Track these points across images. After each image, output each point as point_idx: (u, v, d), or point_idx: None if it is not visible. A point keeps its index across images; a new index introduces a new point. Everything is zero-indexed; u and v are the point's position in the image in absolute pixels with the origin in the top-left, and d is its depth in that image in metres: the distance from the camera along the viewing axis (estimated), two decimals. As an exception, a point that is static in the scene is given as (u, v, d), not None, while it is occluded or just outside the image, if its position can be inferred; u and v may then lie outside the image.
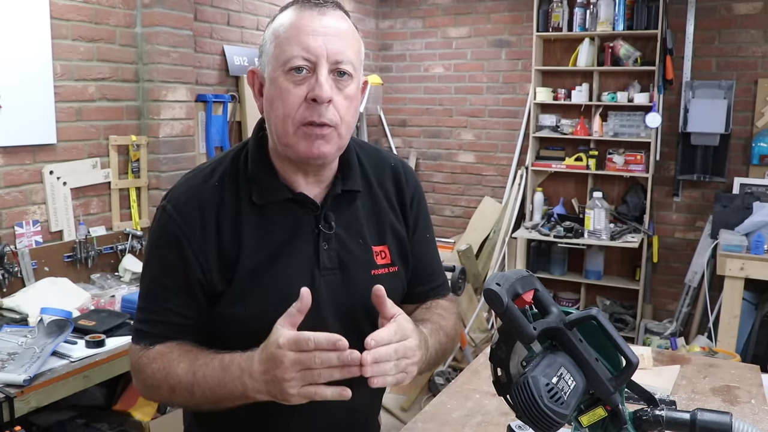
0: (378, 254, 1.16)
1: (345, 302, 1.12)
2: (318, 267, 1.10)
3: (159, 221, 1.11)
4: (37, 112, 2.61)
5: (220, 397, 1.00)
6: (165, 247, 1.09)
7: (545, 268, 4.43)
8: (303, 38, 1.02)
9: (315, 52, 1.02)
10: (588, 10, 4.16)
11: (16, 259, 2.53)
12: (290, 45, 1.02)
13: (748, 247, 3.49)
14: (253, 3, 3.78)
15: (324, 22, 1.03)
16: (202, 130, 3.43)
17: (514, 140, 4.73)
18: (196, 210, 1.08)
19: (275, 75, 1.04)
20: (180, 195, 1.11)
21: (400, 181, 1.23)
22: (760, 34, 3.98)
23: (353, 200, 1.16)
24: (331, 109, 1.03)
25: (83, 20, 2.76)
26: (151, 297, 1.11)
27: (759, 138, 3.98)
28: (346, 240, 1.13)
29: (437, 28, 4.93)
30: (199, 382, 1.01)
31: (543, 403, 0.90)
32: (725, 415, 0.98)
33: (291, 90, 1.02)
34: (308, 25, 1.02)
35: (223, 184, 1.10)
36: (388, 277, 1.17)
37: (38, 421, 2.35)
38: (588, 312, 0.98)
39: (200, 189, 1.10)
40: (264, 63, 1.07)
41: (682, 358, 1.84)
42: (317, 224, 1.11)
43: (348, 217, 1.15)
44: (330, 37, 1.03)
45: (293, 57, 1.02)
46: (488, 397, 1.52)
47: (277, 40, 1.04)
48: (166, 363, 1.05)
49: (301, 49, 1.02)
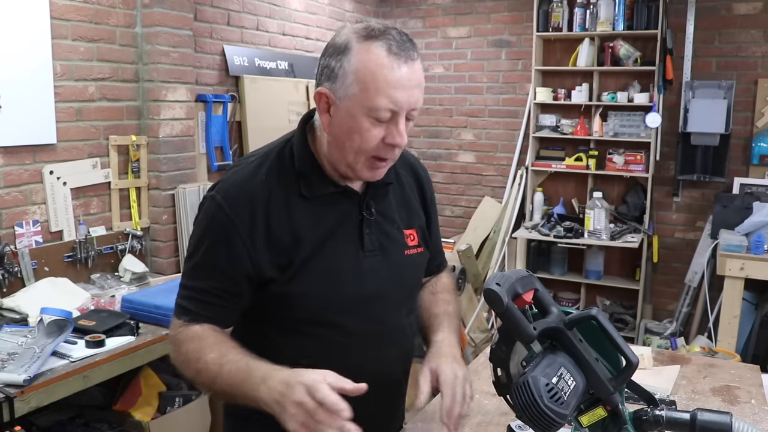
0: (408, 237, 1.32)
1: (384, 279, 1.26)
2: (362, 249, 1.23)
3: (207, 211, 1.18)
4: (37, 112, 2.61)
5: (236, 395, 1.09)
6: (213, 234, 1.17)
7: (545, 268, 4.43)
8: (392, 92, 1.09)
9: (401, 105, 1.10)
10: (588, 10, 4.16)
11: (16, 259, 2.53)
12: (379, 96, 1.08)
13: (748, 247, 3.49)
14: (253, 3, 3.78)
15: (410, 75, 1.10)
16: (202, 130, 3.43)
17: (514, 140, 4.73)
18: (246, 201, 1.16)
19: (356, 113, 1.10)
20: (229, 186, 1.18)
21: (419, 176, 1.41)
22: (760, 34, 3.98)
23: (387, 190, 1.30)
24: (401, 148, 1.16)
25: (83, 20, 2.76)
26: (195, 277, 1.19)
27: (759, 138, 3.98)
28: (384, 225, 1.28)
29: (437, 28, 4.94)
30: (223, 376, 1.09)
31: (543, 403, 0.90)
32: (725, 415, 0.98)
33: (371, 131, 1.11)
34: (397, 78, 1.09)
35: (271, 177, 1.19)
36: (417, 256, 1.34)
37: (38, 421, 2.35)
38: (588, 312, 0.99)
39: (249, 182, 1.18)
40: (339, 93, 1.11)
41: (682, 358, 1.84)
42: (360, 212, 1.24)
43: (384, 205, 1.29)
44: (414, 90, 1.12)
45: (381, 108, 1.09)
46: (488, 397, 1.52)
47: (362, 84, 1.09)
48: (199, 347, 1.14)
49: (390, 102, 1.09)
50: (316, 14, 4.34)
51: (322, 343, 1.22)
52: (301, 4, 4.19)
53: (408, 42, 1.13)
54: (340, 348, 1.22)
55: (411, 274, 1.34)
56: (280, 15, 4.01)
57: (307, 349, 1.21)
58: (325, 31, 4.37)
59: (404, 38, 1.13)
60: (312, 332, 1.21)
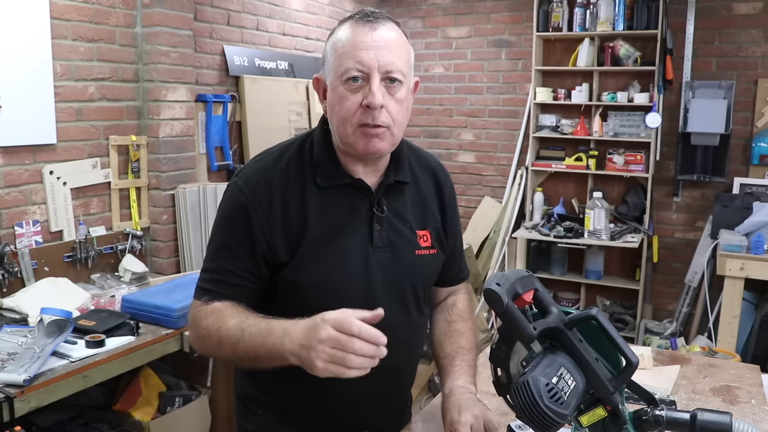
0: (421, 237, 1.33)
1: (392, 276, 1.28)
2: (371, 245, 1.26)
3: (230, 194, 1.25)
4: (37, 112, 2.60)
5: (259, 355, 1.10)
6: (234, 216, 1.23)
7: (545, 268, 4.43)
8: (357, 53, 1.16)
9: (368, 64, 1.16)
10: (588, 10, 4.16)
11: (16, 259, 2.53)
12: (347, 59, 1.17)
13: (748, 247, 3.49)
14: (253, 3, 3.78)
15: (375, 36, 1.17)
16: (202, 130, 3.43)
17: (514, 140, 4.73)
18: (264, 187, 1.22)
19: (335, 84, 1.19)
20: (251, 173, 1.25)
21: (440, 180, 1.43)
22: (760, 34, 3.98)
23: (402, 190, 1.32)
24: (384, 113, 1.18)
25: (83, 20, 2.76)
26: (216, 259, 1.24)
27: (759, 138, 3.98)
28: (395, 223, 1.30)
29: (437, 28, 4.93)
30: (245, 338, 1.11)
31: (543, 403, 0.90)
32: (725, 415, 0.98)
33: (348, 97, 1.17)
34: (362, 40, 1.16)
35: (290, 168, 1.25)
36: (428, 257, 1.34)
37: (38, 421, 2.35)
38: (588, 312, 0.99)
39: (269, 170, 1.25)
40: (326, 72, 1.22)
41: (682, 358, 1.84)
42: (371, 208, 1.27)
43: (397, 204, 1.31)
44: (381, 50, 1.16)
45: (349, 69, 1.16)
46: (488, 397, 1.52)
47: (336, 53, 1.19)
48: (219, 317, 1.17)
49: (356, 62, 1.16)
50: (316, 14, 4.34)
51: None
52: (301, 4, 4.19)
53: (378, 12, 1.20)
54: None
55: (422, 273, 1.35)
56: (280, 15, 4.01)
57: None
58: (325, 31, 4.37)
59: (376, 11, 1.21)
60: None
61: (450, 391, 1.31)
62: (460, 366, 1.37)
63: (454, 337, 1.42)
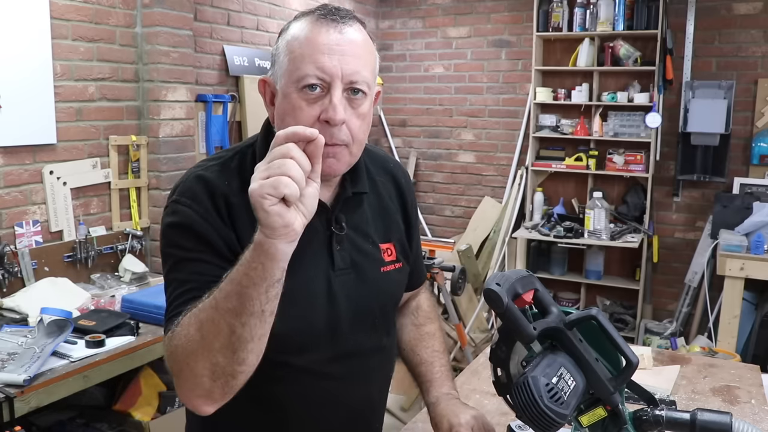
0: (385, 251, 1.19)
1: (358, 299, 1.13)
2: (333, 268, 1.11)
3: (172, 214, 1.05)
4: (37, 112, 2.60)
5: (242, 290, 0.87)
6: (186, 231, 1.02)
7: (545, 268, 4.43)
8: (318, 57, 0.98)
9: (330, 72, 0.99)
10: (588, 10, 4.16)
11: (16, 259, 2.53)
12: (304, 62, 0.99)
13: (748, 247, 3.49)
14: (253, 3, 3.78)
15: (340, 39, 1.00)
16: (202, 130, 3.43)
17: (514, 140, 4.73)
18: (208, 201, 1.03)
19: (288, 90, 1.01)
20: (190, 187, 1.06)
21: (400, 182, 1.27)
22: (760, 34, 3.98)
23: (361, 201, 1.17)
24: (344, 129, 1.01)
25: (83, 20, 2.76)
26: (179, 272, 1.02)
27: (759, 138, 3.98)
28: (356, 240, 1.15)
29: (437, 28, 4.93)
30: (220, 298, 0.89)
31: (543, 403, 0.90)
32: (725, 415, 0.98)
33: (304, 108, 1.00)
34: (324, 42, 0.99)
35: (232, 186, 1.06)
36: (395, 273, 1.21)
37: (38, 421, 2.35)
38: (588, 312, 0.98)
39: (212, 183, 1.05)
40: (277, 74, 1.04)
41: (682, 358, 1.84)
42: (329, 226, 1.11)
43: (356, 218, 1.16)
44: (346, 57, 0.99)
45: (307, 75, 0.99)
46: (488, 397, 1.52)
47: (291, 55, 1.01)
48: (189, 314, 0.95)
49: (316, 68, 0.98)
50: (316, 14, 4.34)
51: (295, 374, 1.10)
52: (301, 5, 4.19)
53: (343, 10, 1.04)
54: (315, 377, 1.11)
55: (389, 292, 1.21)
56: (280, 15, 4.01)
57: (279, 382, 1.09)
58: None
59: (340, 9, 1.04)
60: (283, 363, 1.08)
61: (437, 400, 1.25)
62: (440, 372, 1.30)
63: (426, 341, 1.35)
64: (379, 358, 1.21)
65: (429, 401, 1.28)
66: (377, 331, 1.18)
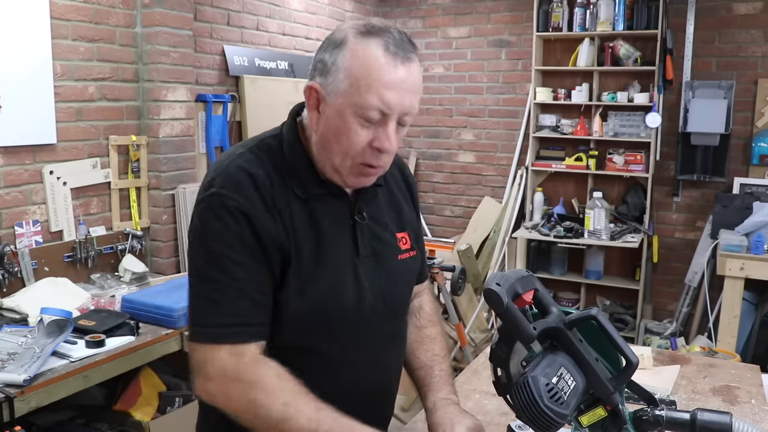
0: (400, 240, 1.25)
1: (380, 286, 1.19)
2: (357, 255, 1.16)
3: (209, 207, 1.06)
4: (37, 112, 2.60)
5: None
6: (227, 225, 1.04)
7: (545, 268, 4.43)
8: (384, 92, 1.02)
9: (392, 107, 1.04)
10: (588, 10, 4.16)
11: (16, 259, 2.53)
12: (370, 94, 1.02)
13: (748, 247, 3.49)
14: (253, 3, 3.78)
15: (406, 77, 1.04)
16: (202, 130, 3.43)
17: (514, 140, 4.73)
18: (252, 190, 1.06)
19: (344, 109, 1.05)
20: (227, 176, 1.08)
21: (405, 173, 1.35)
22: (760, 34, 3.98)
23: (376, 193, 1.23)
24: (389, 154, 1.09)
25: (83, 20, 2.76)
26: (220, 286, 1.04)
27: (759, 138, 3.98)
28: (375, 229, 1.21)
29: (437, 28, 4.94)
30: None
31: (543, 403, 0.90)
32: (725, 415, 0.98)
33: (359, 132, 1.05)
34: (392, 79, 1.03)
35: (270, 173, 1.10)
36: (410, 260, 1.27)
37: (38, 421, 2.34)
38: (588, 312, 0.98)
39: (252, 174, 1.08)
40: (329, 88, 1.06)
41: (682, 358, 1.84)
42: (352, 215, 1.17)
43: (374, 208, 1.22)
44: (407, 93, 1.05)
45: (371, 108, 1.03)
46: (488, 397, 1.52)
47: (353, 79, 1.03)
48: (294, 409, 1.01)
49: (381, 102, 1.03)
50: (316, 14, 4.34)
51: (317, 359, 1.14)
52: (301, 4, 4.19)
53: (408, 42, 1.07)
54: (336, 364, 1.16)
55: (407, 279, 1.28)
56: (280, 15, 4.01)
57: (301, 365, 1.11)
58: (325, 31, 4.37)
59: (404, 38, 1.07)
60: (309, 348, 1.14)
61: (434, 405, 1.24)
62: (439, 376, 1.29)
63: (427, 345, 1.34)
64: (395, 347, 1.27)
65: (427, 406, 1.27)
66: (396, 318, 1.25)
